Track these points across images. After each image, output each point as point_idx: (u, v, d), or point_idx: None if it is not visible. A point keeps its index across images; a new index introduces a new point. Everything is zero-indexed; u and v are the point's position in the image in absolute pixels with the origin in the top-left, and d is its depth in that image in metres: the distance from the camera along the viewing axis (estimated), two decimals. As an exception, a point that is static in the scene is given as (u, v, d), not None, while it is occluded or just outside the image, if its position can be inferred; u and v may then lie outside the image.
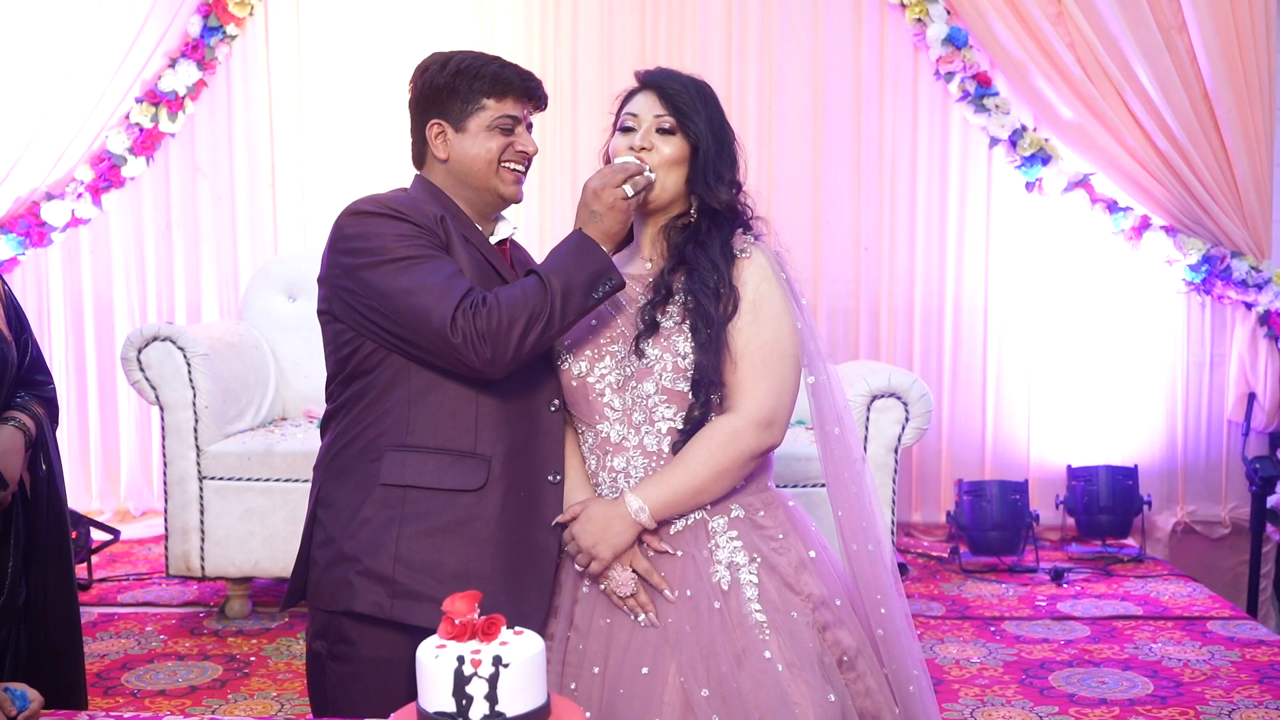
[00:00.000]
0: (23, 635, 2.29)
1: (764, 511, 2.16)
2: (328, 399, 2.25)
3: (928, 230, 5.49)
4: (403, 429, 2.11)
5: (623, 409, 2.15)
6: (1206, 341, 5.36)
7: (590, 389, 2.17)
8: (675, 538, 2.13)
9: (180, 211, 5.73)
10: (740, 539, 2.12)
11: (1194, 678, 3.77)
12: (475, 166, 2.21)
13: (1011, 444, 5.52)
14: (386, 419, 2.12)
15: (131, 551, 5.24)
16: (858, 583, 2.18)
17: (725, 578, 2.08)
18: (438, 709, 1.49)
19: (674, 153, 2.17)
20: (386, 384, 2.13)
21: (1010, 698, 3.63)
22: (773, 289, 2.14)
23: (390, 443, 2.12)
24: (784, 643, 2.04)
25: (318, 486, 2.22)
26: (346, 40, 5.62)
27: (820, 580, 2.14)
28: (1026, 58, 5.19)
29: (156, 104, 5.53)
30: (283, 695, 3.68)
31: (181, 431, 4.27)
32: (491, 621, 1.53)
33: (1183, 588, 4.71)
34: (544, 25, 5.55)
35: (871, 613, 2.15)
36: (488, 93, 2.20)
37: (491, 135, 2.20)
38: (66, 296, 5.74)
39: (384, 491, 2.12)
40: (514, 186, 2.23)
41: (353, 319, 2.12)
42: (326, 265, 2.17)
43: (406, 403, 2.11)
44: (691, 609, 2.07)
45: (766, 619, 2.05)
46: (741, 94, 5.44)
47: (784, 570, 2.11)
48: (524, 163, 2.24)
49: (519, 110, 2.23)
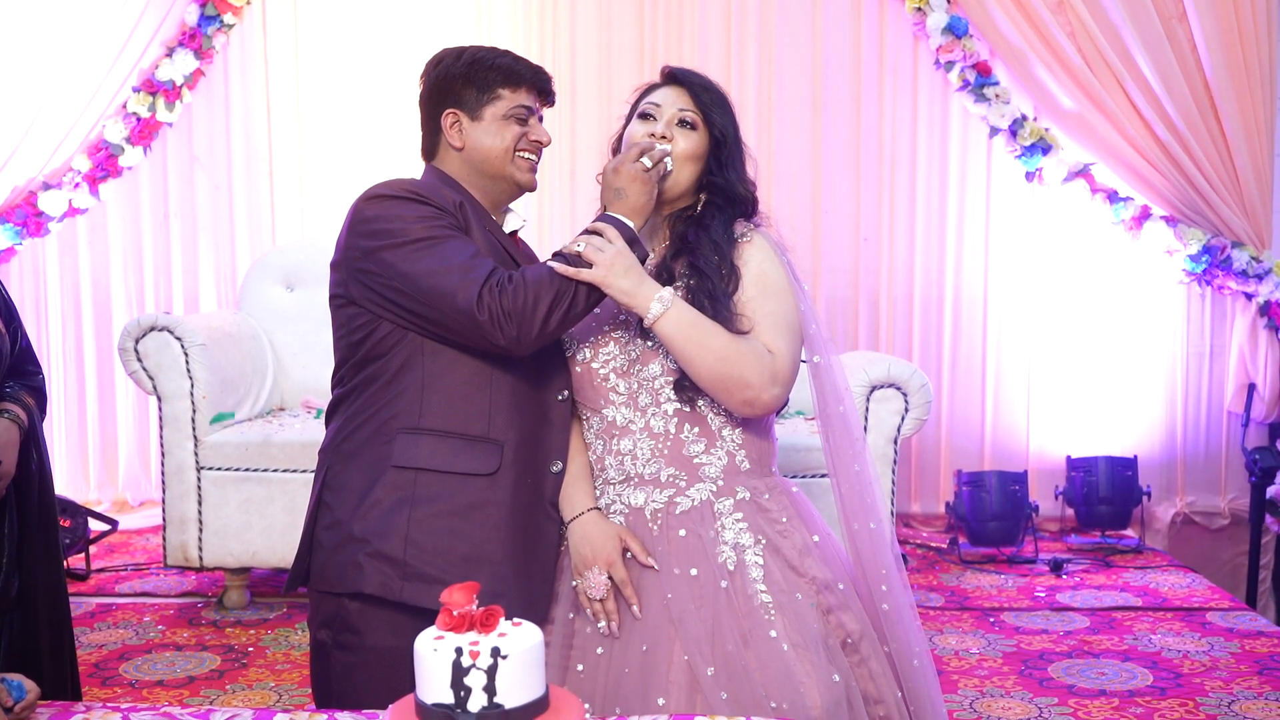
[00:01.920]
0: (15, 627, 2.29)
1: (769, 495, 2.18)
2: (336, 384, 2.25)
3: (927, 220, 5.48)
4: (415, 412, 2.13)
5: (628, 392, 2.17)
6: (1206, 332, 5.36)
7: (595, 374, 2.20)
8: (681, 517, 2.15)
9: (178, 201, 5.71)
10: (745, 520, 2.14)
11: (1193, 669, 3.77)
12: (491, 155, 2.24)
13: (1011, 434, 5.52)
14: (399, 401, 2.14)
15: (129, 542, 5.23)
16: (860, 561, 2.21)
17: (731, 558, 2.11)
18: (436, 700, 1.48)
19: (692, 147, 2.22)
20: (399, 368, 2.14)
21: (1009, 689, 3.63)
22: (775, 267, 2.18)
23: (403, 425, 2.13)
24: (789, 623, 2.06)
25: (324, 470, 2.22)
26: (344, 30, 5.60)
27: (824, 564, 2.16)
28: (1027, 47, 5.18)
29: (154, 93, 5.51)
30: (281, 685, 3.67)
31: (179, 421, 4.27)
32: (490, 613, 1.53)
33: (1182, 579, 4.71)
34: (542, 19, 5.53)
35: (874, 590, 2.18)
36: (503, 83, 2.24)
37: (507, 124, 2.24)
38: (64, 286, 5.73)
39: (396, 474, 2.13)
40: (529, 174, 2.28)
41: (372, 301, 2.14)
42: (343, 249, 2.19)
43: (420, 386, 2.13)
44: (697, 588, 2.09)
45: (772, 599, 2.08)
46: (741, 85, 5.42)
47: (788, 553, 2.14)
48: (537, 152, 2.29)
49: (532, 101, 2.27)
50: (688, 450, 2.15)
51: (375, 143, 5.50)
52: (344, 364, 2.22)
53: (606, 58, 5.51)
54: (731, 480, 2.16)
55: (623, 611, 2.13)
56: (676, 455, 2.15)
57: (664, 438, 2.16)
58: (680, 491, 2.16)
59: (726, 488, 2.16)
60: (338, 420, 2.23)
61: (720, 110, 2.24)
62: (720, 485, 2.16)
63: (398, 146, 5.41)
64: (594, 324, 2.22)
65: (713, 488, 2.16)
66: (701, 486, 2.16)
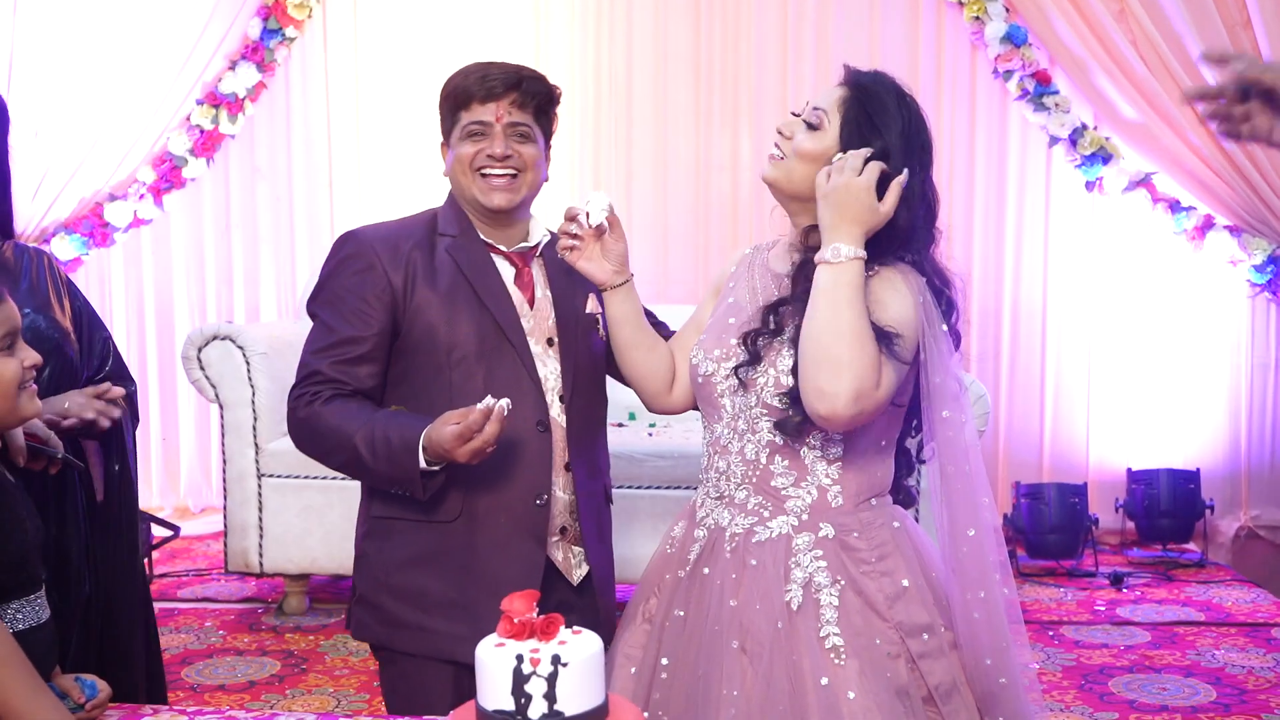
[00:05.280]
0: (97, 629, 2.31)
1: (858, 533, 2.04)
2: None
3: (985, 230, 5.44)
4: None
5: (732, 413, 2.09)
6: (1271, 343, 5.27)
7: (714, 389, 2.11)
8: (756, 547, 2.05)
9: (239, 212, 5.80)
10: (825, 559, 2.01)
11: (1258, 685, 3.71)
12: (456, 178, 2.26)
13: (1070, 446, 5.45)
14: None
15: (191, 547, 5.31)
16: (960, 574, 2.02)
17: (797, 598, 1.99)
18: (497, 707, 1.49)
19: (813, 146, 2.05)
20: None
21: (1069, 703, 3.59)
22: (896, 296, 1.99)
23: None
24: (861, 668, 1.94)
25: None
26: (403, 42, 5.66)
27: (921, 608, 2.02)
28: (1088, 55, 5.12)
29: (217, 106, 5.60)
30: (339, 691, 3.71)
31: (241, 429, 4.32)
32: (550, 620, 1.53)
33: (1246, 594, 4.63)
34: (599, 29, 5.56)
35: (980, 664, 2.01)
36: (455, 107, 2.25)
37: (462, 143, 2.24)
38: (128, 296, 5.83)
39: (374, 524, 2.25)
40: (491, 194, 2.21)
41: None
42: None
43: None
44: (763, 621, 2.01)
45: (845, 643, 1.96)
46: (797, 94, 5.41)
47: (872, 595, 2.00)
48: (501, 165, 2.21)
49: (488, 114, 2.21)
50: (776, 482, 2.05)
51: (432, 153, 5.49)
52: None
53: (663, 64, 5.53)
54: (818, 517, 2.04)
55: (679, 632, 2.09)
56: (764, 485, 2.06)
57: (754, 465, 2.07)
58: (762, 521, 2.06)
59: (810, 523, 2.03)
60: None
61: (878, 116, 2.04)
62: (803, 520, 2.04)
63: (455, 157, 5.45)
64: (724, 336, 2.12)
65: (794, 522, 2.04)
66: (784, 520, 2.04)
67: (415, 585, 2.18)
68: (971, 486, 2.01)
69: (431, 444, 2.03)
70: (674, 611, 2.12)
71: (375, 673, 3.82)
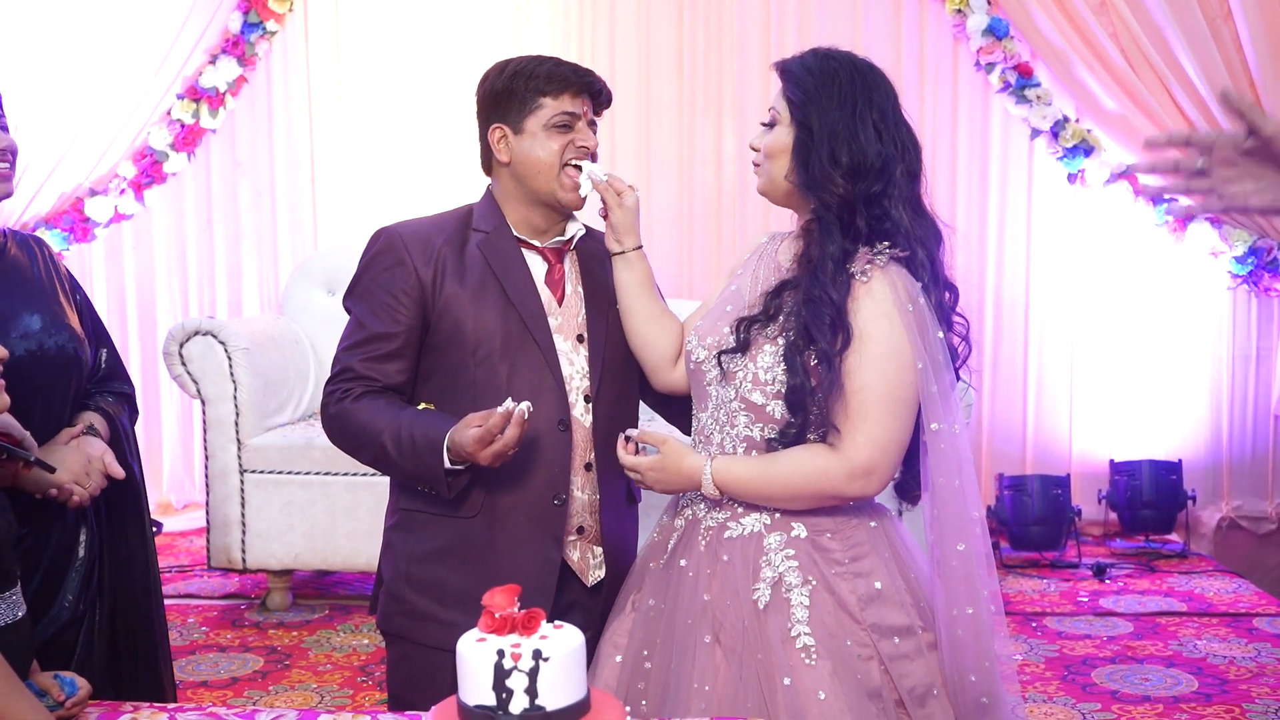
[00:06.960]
0: (102, 626, 2.27)
1: (831, 534, 2.02)
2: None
3: (967, 222, 5.45)
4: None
5: (715, 403, 2.08)
6: (1252, 334, 5.28)
7: (704, 376, 2.10)
8: (728, 543, 2.04)
9: (221, 207, 5.77)
10: (797, 559, 1.99)
11: (1240, 675, 3.73)
12: (538, 168, 2.20)
13: (1053, 438, 5.47)
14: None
15: (174, 544, 5.29)
16: (956, 650, 1.98)
17: (764, 597, 1.98)
18: (478, 702, 1.49)
19: (775, 141, 2.10)
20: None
21: (1052, 694, 3.60)
22: (884, 325, 1.95)
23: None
24: (833, 669, 1.93)
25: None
26: (385, 36, 5.63)
27: (897, 610, 1.99)
28: (1069, 48, 5.13)
29: (197, 100, 5.57)
30: (323, 687, 3.70)
31: (223, 425, 4.31)
32: (531, 615, 1.53)
33: (1228, 584, 4.65)
34: (581, 23, 5.54)
35: (964, 681, 1.97)
36: (543, 90, 2.19)
37: (550, 134, 2.19)
38: (110, 291, 5.79)
39: (401, 516, 2.26)
40: (573, 193, 2.21)
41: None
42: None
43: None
44: (734, 617, 2.01)
45: (815, 643, 1.95)
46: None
47: (844, 596, 1.98)
48: (586, 159, 2.22)
49: (577, 107, 2.22)
50: None
51: (416, 147, 5.53)
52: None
53: (645, 61, 5.51)
54: (790, 516, 2.02)
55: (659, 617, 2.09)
56: None
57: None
58: (735, 517, 2.05)
59: (782, 522, 2.02)
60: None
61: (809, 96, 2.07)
62: (775, 519, 2.03)
63: (438, 150, 5.44)
64: (718, 325, 2.10)
65: (766, 520, 2.03)
66: (756, 518, 2.03)
67: (434, 578, 2.20)
68: (964, 501, 1.98)
69: (454, 445, 2.04)
70: (648, 601, 2.12)
71: (358, 669, 3.83)
